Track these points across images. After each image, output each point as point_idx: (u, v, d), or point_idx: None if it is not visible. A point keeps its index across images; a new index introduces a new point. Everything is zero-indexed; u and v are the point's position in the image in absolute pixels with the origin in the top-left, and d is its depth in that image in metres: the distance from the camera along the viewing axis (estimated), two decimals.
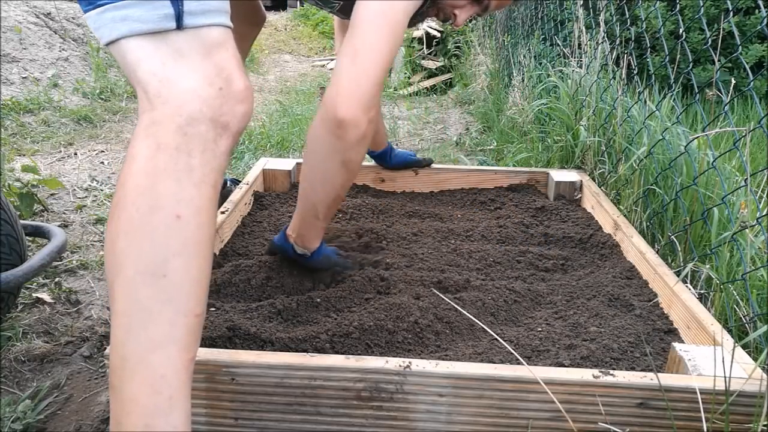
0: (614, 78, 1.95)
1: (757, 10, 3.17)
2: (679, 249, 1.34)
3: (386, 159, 1.80)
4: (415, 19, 1.19)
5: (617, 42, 1.99)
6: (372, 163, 1.84)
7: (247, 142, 2.72)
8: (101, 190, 2.09)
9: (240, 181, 1.70)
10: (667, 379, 0.83)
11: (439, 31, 4.74)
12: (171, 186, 0.66)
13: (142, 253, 0.65)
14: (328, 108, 0.97)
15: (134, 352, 0.65)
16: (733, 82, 1.39)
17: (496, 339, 0.88)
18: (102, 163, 2.44)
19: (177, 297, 0.66)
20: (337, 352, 1.00)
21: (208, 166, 0.69)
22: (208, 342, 0.98)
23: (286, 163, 1.83)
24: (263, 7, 1.52)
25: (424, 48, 4.75)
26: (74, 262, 1.55)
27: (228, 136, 0.71)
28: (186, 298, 0.67)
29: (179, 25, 0.67)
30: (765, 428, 0.76)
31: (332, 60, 6.04)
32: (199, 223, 0.68)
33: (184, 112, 0.67)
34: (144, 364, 0.65)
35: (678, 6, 1.60)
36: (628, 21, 2.00)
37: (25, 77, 3.52)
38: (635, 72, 1.81)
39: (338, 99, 0.97)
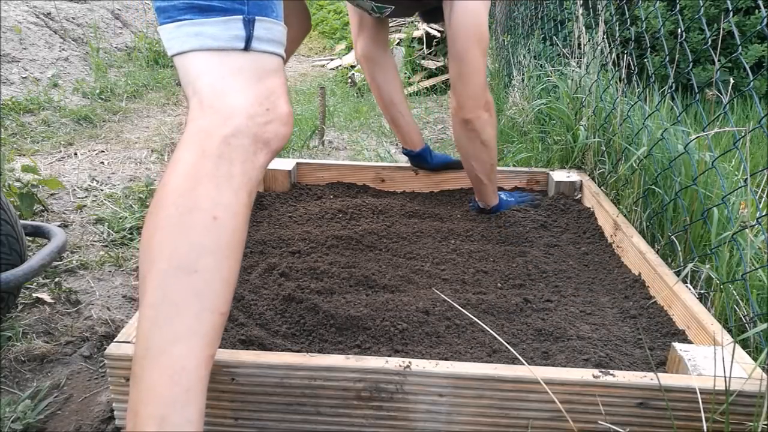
0: (614, 78, 1.95)
1: (757, 10, 3.18)
2: (679, 249, 1.34)
3: (427, 159, 1.78)
4: None
5: (617, 42, 1.99)
6: (372, 163, 1.84)
7: None
8: (101, 190, 2.09)
9: None
10: (667, 379, 0.83)
11: (439, 30, 4.73)
12: (211, 190, 0.70)
13: (176, 249, 0.68)
14: (456, 115, 1.42)
15: (158, 343, 0.67)
16: (732, 81, 1.39)
17: (497, 338, 0.89)
18: (102, 163, 2.44)
19: (206, 293, 0.69)
20: (337, 352, 1.00)
21: (247, 175, 0.73)
22: None
23: (286, 163, 1.83)
24: (310, 15, 1.60)
25: (424, 48, 4.75)
26: (74, 262, 1.55)
27: (267, 152, 0.76)
28: (214, 295, 0.69)
29: (246, 47, 0.74)
30: (765, 428, 0.76)
31: (332, 60, 6.03)
32: (234, 226, 0.72)
33: (231, 125, 0.72)
34: (166, 355, 0.66)
35: (678, 6, 1.60)
36: (628, 21, 2.00)
37: (25, 77, 3.52)
38: (635, 72, 1.81)
39: (459, 108, 1.40)
